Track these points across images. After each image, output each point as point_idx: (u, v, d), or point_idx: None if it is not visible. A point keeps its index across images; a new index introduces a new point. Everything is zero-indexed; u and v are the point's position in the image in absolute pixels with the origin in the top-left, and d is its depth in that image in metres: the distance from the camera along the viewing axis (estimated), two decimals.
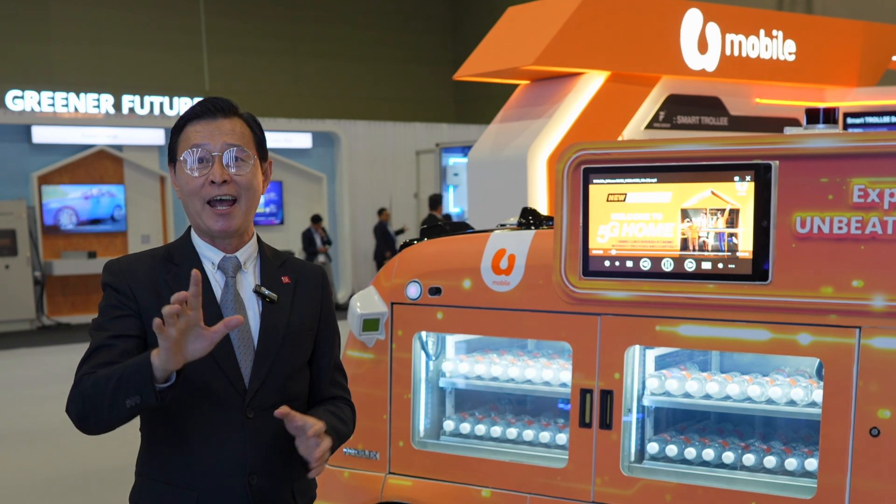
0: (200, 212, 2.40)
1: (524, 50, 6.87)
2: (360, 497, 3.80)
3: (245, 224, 2.45)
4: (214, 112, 2.41)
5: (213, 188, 2.37)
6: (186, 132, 2.42)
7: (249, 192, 2.42)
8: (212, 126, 2.40)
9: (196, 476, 2.36)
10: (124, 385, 2.17)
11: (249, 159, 2.42)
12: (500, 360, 3.77)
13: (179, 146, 2.42)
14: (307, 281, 2.58)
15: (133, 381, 2.16)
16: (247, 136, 2.44)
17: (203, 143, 2.38)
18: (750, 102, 8.03)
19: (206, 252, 2.46)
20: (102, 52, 20.50)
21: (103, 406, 2.20)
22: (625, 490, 3.28)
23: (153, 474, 2.42)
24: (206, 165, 2.38)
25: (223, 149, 2.38)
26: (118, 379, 2.18)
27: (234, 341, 2.39)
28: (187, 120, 2.43)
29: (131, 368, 2.17)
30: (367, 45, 23.83)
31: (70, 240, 16.59)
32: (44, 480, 7.02)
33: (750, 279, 3.05)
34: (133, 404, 2.17)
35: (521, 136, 6.95)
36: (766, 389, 3.25)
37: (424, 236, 3.92)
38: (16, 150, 16.23)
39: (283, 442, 2.42)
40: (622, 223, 3.26)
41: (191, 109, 2.44)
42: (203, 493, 2.36)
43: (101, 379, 2.21)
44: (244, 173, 2.40)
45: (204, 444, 2.37)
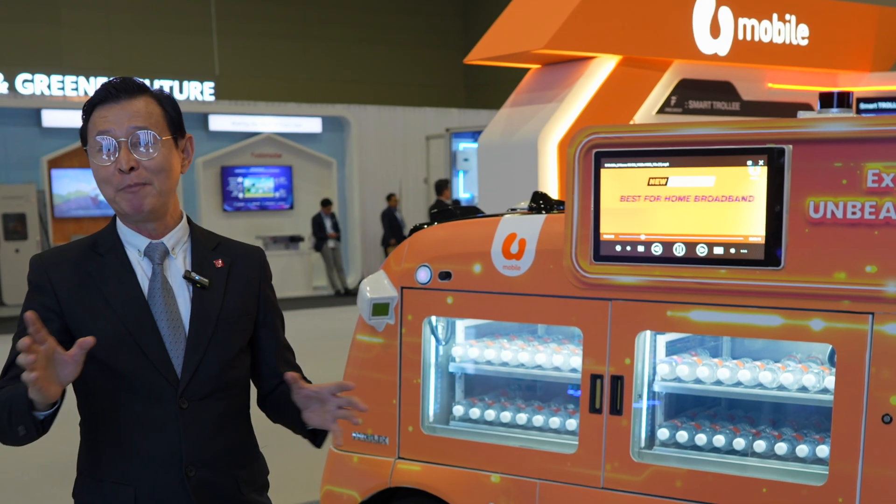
0: (114, 198, 2.33)
1: (535, 34, 6.83)
2: (369, 482, 3.79)
3: (162, 205, 2.35)
4: (118, 94, 2.30)
5: (122, 176, 2.29)
6: (93, 117, 2.32)
7: (161, 174, 2.32)
8: (116, 110, 2.29)
9: (132, 471, 2.32)
10: (14, 413, 2.16)
11: (157, 141, 2.31)
12: (510, 345, 3.76)
13: (88, 132, 2.33)
14: (243, 263, 2.50)
15: (17, 410, 2.14)
16: (156, 115, 2.33)
17: (108, 128, 2.28)
18: (762, 87, 7.98)
19: (131, 239, 2.38)
20: (112, 35, 20.51)
21: (5, 429, 2.21)
22: (635, 476, 3.27)
23: (91, 471, 2.38)
24: (115, 152, 2.29)
25: (128, 133, 2.28)
26: (8, 407, 2.17)
27: (163, 331, 2.32)
28: (93, 104, 2.33)
29: (17, 397, 2.14)
30: (377, 30, 23.80)
31: (80, 224, 16.61)
32: (51, 464, 7.03)
33: (762, 264, 3.03)
34: (23, 433, 2.17)
35: (531, 121, 6.92)
36: (778, 375, 3.23)
37: (435, 220, 3.90)
38: (26, 133, 16.24)
39: (223, 431, 2.38)
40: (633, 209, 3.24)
41: (96, 92, 2.34)
42: (141, 489, 2.31)
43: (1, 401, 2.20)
44: (153, 156, 2.30)
45: (139, 438, 2.32)
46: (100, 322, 2.28)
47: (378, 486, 3.78)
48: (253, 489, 2.49)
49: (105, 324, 2.29)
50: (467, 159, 15.91)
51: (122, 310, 2.31)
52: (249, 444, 2.53)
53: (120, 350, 2.29)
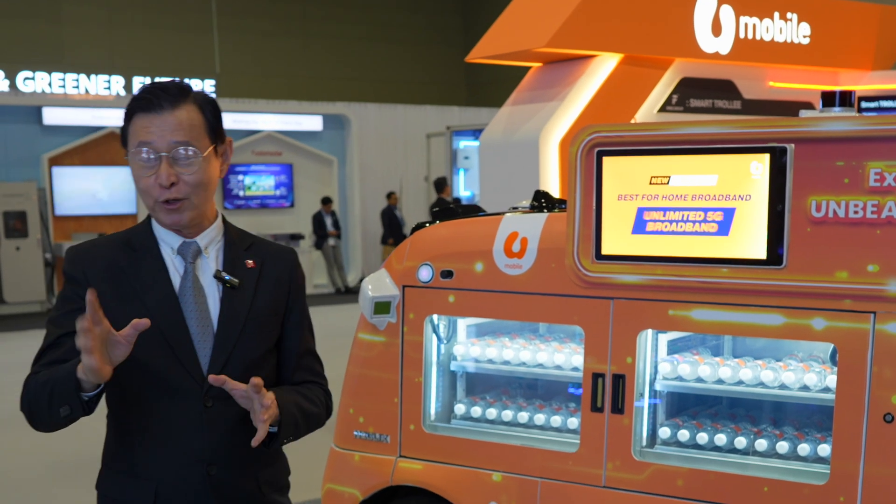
0: (153, 207, 2.35)
1: (536, 32, 6.82)
2: (371, 480, 3.79)
3: (198, 216, 2.38)
4: (161, 105, 2.29)
5: (162, 190, 2.30)
6: (135, 124, 2.32)
7: (199, 188, 2.34)
8: (157, 121, 2.29)
9: (155, 466, 2.34)
10: (56, 394, 2.19)
11: (198, 156, 2.32)
12: (512, 344, 3.76)
13: (129, 137, 2.34)
14: (274, 264, 2.51)
15: (62, 391, 2.18)
16: (196, 125, 2.33)
17: (149, 141, 2.29)
18: (764, 86, 7.98)
19: (165, 237, 2.40)
20: (113, 33, 20.50)
21: (43, 411, 2.25)
22: (636, 475, 3.27)
23: (115, 464, 2.41)
24: (154, 165, 2.29)
25: (170, 148, 2.29)
26: (51, 387, 2.20)
27: (192, 329, 2.34)
28: (135, 109, 2.32)
29: (61, 379, 2.18)
30: (378, 27, 23.80)
31: (80, 222, 16.62)
32: (56, 463, 7.04)
33: (764, 263, 3.03)
34: (66, 413, 2.21)
35: (533, 119, 6.92)
36: (780, 374, 3.23)
37: (436, 219, 3.90)
38: (26, 131, 16.25)
39: (246, 431, 2.37)
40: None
41: (139, 97, 2.33)
42: (162, 484, 2.33)
43: (40, 384, 2.24)
44: (193, 171, 2.31)
45: (163, 433, 2.33)
46: (132, 317, 2.26)
47: (379, 484, 3.78)
48: (274, 489, 2.51)
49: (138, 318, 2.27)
50: (468, 157, 15.91)
51: (154, 306, 2.32)
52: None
53: (149, 346, 2.29)
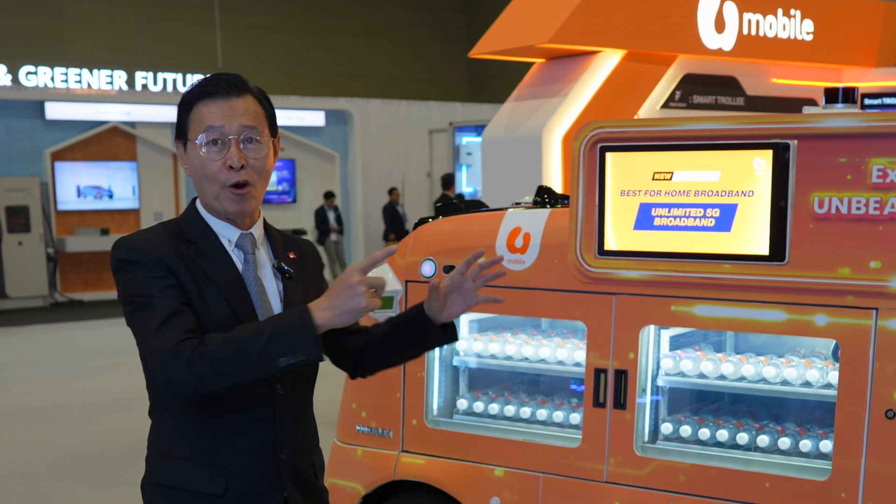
0: (218, 194, 2.35)
1: (540, 28, 6.82)
2: (373, 475, 3.80)
3: (257, 205, 2.42)
4: (228, 91, 2.34)
5: (231, 173, 2.32)
6: (199, 111, 2.34)
7: (263, 175, 2.38)
8: (225, 106, 2.33)
9: (226, 454, 2.34)
10: (281, 343, 2.15)
11: (264, 142, 2.37)
12: (514, 339, 3.77)
13: (191, 125, 2.35)
14: (308, 256, 2.58)
15: (293, 339, 2.15)
16: (260, 114, 2.38)
17: (219, 125, 2.31)
18: (767, 82, 7.98)
19: (221, 230, 2.41)
20: (115, 28, 20.49)
21: (243, 366, 2.16)
22: (638, 470, 3.28)
23: (179, 452, 2.37)
24: (222, 148, 2.32)
25: (239, 131, 2.33)
26: (270, 338, 2.15)
27: (260, 318, 2.36)
28: (198, 97, 2.35)
29: (288, 327, 2.17)
30: (381, 23, 23.77)
31: (83, 217, 16.63)
32: (58, 457, 7.06)
33: (767, 259, 3.03)
34: (290, 362, 2.16)
35: (535, 115, 6.92)
36: (782, 371, 3.24)
37: (439, 214, 3.91)
38: (29, 126, 16.25)
39: (305, 416, 2.46)
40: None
41: (202, 86, 2.36)
42: (234, 472, 2.34)
43: (238, 340, 2.17)
44: (261, 157, 2.36)
45: (234, 420, 2.34)
46: (211, 303, 2.31)
47: (382, 479, 3.79)
48: (322, 475, 2.58)
49: (216, 305, 2.31)
50: (470, 153, 15.90)
51: (230, 293, 2.34)
52: (316, 430, 2.60)
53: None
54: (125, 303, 2.31)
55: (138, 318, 2.26)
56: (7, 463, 6.97)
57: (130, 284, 2.29)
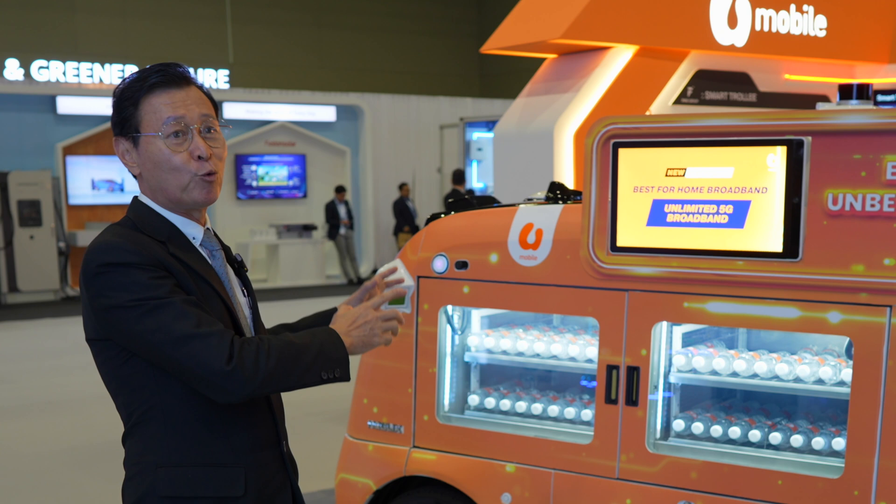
0: (187, 185, 2.28)
1: (552, 23, 6.81)
2: (384, 470, 3.81)
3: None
4: (179, 81, 2.28)
5: (202, 163, 2.27)
6: (151, 103, 2.26)
7: (222, 163, 2.35)
8: (181, 95, 2.27)
9: (239, 452, 2.32)
10: (324, 359, 2.27)
11: (220, 130, 2.34)
12: (526, 335, 3.76)
13: (144, 119, 2.26)
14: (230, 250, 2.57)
15: (331, 357, 2.28)
16: (209, 102, 2.35)
17: (179, 115, 2.25)
18: (779, 78, 7.95)
19: (185, 228, 2.34)
20: (127, 23, 20.53)
21: (299, 371, 2.23)
22: (650, 467, 3.27)
23: (185, 460, 2.27)
24: (184, 139, 2.26)
25: (201, 120, 2.28)
26: (318, 351, 2.26)
27: (236, 313, 2.37)
28: (147, 90, 2.26)
29: (330, 346, 2.28)
30: (392, 18, 23.77)
31: (94, 211, 16.67)
32: (68, 450, 7.08)
33: (780, 256, 3.02)
34: (328, 378, 2.28)
35: (547, 111, 6.91)
36: (794, 368, 3.23)
37: (451, 210, 3.90)
38: (41, 120, 16.29)
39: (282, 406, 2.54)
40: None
41: (146, 79, 2.27)
42: (249, 468, 2.33)
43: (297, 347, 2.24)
44: (220, 146, 2.34)
45: (240, 418, 2.33)
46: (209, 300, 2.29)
47: (393, 474, 3.79)
48: None
49: (213, 302, 2.30)
50: (481, 149, 15.91)
51: (220, 289, 2.34)
52: None
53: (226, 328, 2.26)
54: (122, 309, 2.16)
55: (157, 321, 2.14)
56: (17, 455, 7.00)
57: (129, 289, 2.16)
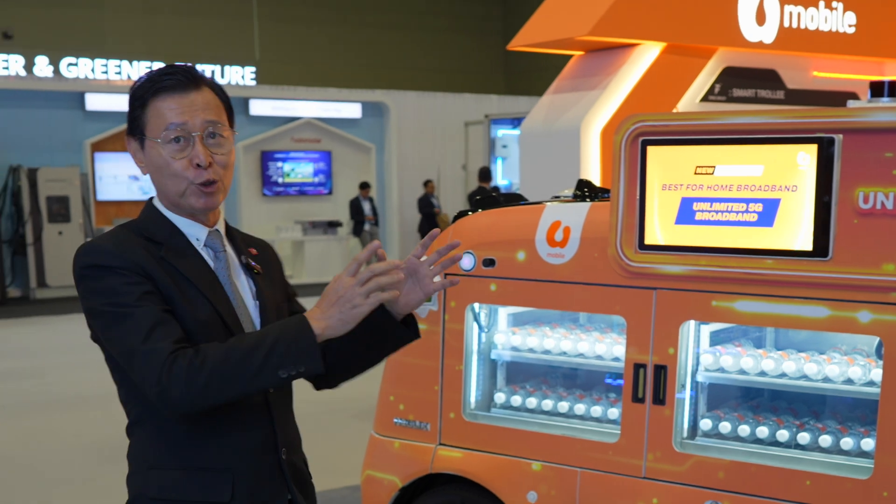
0: (184, 191, 2.25)
1: (579, 20, 6.79)
2: (410, 468, 3.81)
3: (224, 199, 2.33)
4: (186, 84, 2.23)
5: (199, 171, 2.23)
6: (156, 107, 2.22)
7: (228, 170, 2.28)
8: (185, 101, 2.22)
9: (229, 458, 2.26)
10: (281, 355, 2.08)
11: (228, 135, 2.28)
12: (553, 333, 3.75)
13: (149, 122, 2.23)
14: (267, 252, 2.49)
15: (293, 350, 2.08)
16: (219, 106, 2.28)
17: (181, 121, 2.21)
18: (807, 76, 7.89)
19: (187, 229, 2.31)
20: (155, 20, 20.66)
21: (243, 378, 2.08)
22: (677, 466, 3.26)
23: (174, 462, 2.26)
24: (186, 146, 2.22)
25: (203, 127, 2.23)
26: (269, 350, 2.07)
27: (241, 317, 2.29)
28: (154, 92, 2.23)
29: (288, 338, 2.09)
30: (418, 15, 23.80)
31: (121, 207, 16.77)
32: (95, 443, 7.13)
33: (810, 255, 3.00)
34: (289, 374, 2.09)
35: (574, 108, 6.90)
36: (823, 367, 3.20)
37: (478, 207, 3.90)
38: (69, 117, 16.43)
39: (291, 413, 2.43)
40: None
41: (155, 80, 2.23)
42: (238, 474, 2.26)
43: (240, 352, 2.08)
44: (225, 152, 2.27)
45: (234, 423, 2.26)
46: (194, 303, 2.22)
47: (419, 471, 3.79)
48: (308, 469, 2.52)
49: (199, 305, 2.22)
50: (506, 146, 15.90)
51: (210, 292, 2.26)
52: None
53: (213, 332, 2.21)
54: (96, 313, 2.17)
55: (118, 331, 2.14)
56: (45, 449, 7.06)
57: (103, 293, 2.16)
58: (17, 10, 19.25)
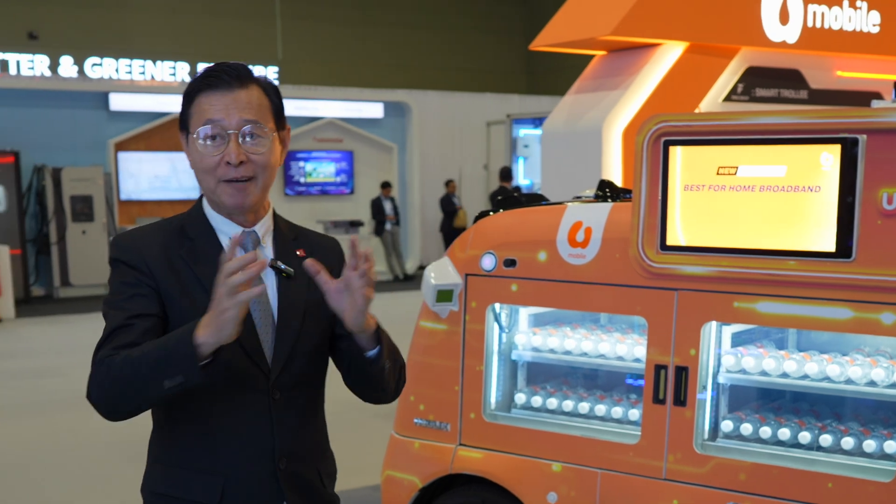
0: (215, 189, 2.26)
1: (601, 20, 6.77)
2: (430, 468, 3.81)
3: (261, 199, 2.31)
4: (230, 82, 2.23)
5: (229, 169, 2.23)
6: (199, 103, 2.24)
7: (266, 170, 2.27)
8: (227, 99, 2.22)
9: (222, 461, 2.26)
10: (163, 364, 2.04)
11: (267, 136, 2.26)
12: (573, 334, 3.74)
13: (192, 118, 2.25)
14: (323, 254, 2.43)
15: (173, 359, 2.03)
16: (264, 106, 2.27)
17: (218, 118, 2.21)
18: (831, 75, 7.84)
19: (222, 227, 2.32)
20: (178, 20, 20.75)
21: (136, 388, 2.09)
22: (698, 468, 3.24)
23: (173, 460, 2.30)
24: (221, 143, 2.22)
25: (239, 125, 2.22)
26: (156, 358, 2.05)
27: (255, 319, 2.27)
28: (199, 89, 2.25)
29: (171, 346, 2.04)
30: (440, 15, 23.82)
31: (145, 206, 16.85)
32: (118, 442, 7.16)
33: (833, 256, 2.98)
34: (173, 384, 2.04)
35: (596, 108, 6.87)
36: (846, 369, 3.18)
37: (500, 208, 3.89)
38: (93, 116, 16.51)
39: (309, 422, 2.35)
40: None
41: (203, 77, 2.25)
42: (230, 479, 2.25)
43: (133, 359, 2.08)
44: (262, 152, 2.25)
45: (229, 426, 2.26)
46: (197, 304, 2.21)
47: (439, 472, 3.79)
48: (331, 482, 2.47)
49: (202, 306, 2.18)
50: (527, 146, 15.86)
51: None
52: (325, 437, 2.49)
53: None
54: (105, 302, 2.28)
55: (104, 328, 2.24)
56: (68, 447, 7.10)
57: (111, 284, 2.27)
58: (43, 11, 19.38)
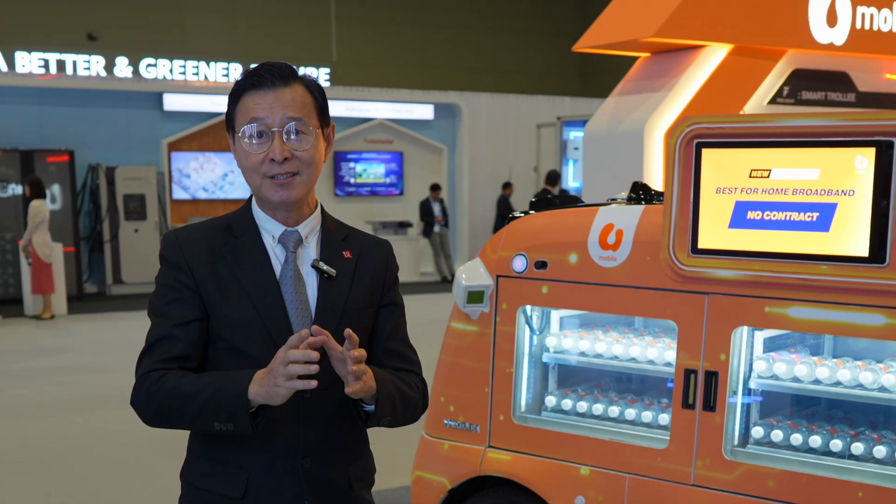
0: (260, 185, 2.31)
1: (645, 21, 6.72)
2: (459, 469, 3.80)
3: (306, 195, 2.35)
4: (274, 81, 2.28)
5: (273, 165, 2.27)
6: (244, 102, 2.29)
7: (311, 166, 2.31)
8: (270, 97, 2.27)
9: (248, 457, 2.31)
10: (214, 408, 2.19)
11: (311, 132, 2.30)
12: (605, 337, 3.72)
13: (237, 117, 2.31)
14: (370, 256, 2.45)
15: (224, 407, 2.17)
16: (308, 104, 2.31)
17: (262, 116, 2.26)
18: (880, 78, 7.70)
19: (266, 224, 2.37)
20: (234, 22, 20.95)
21: (184, 419, 2.24)
22: (727, 474, 3.20)
23: (204, 452, 2.38)
24: (266, 141, 2.27)
25: (283, 123, 2.27)
26: (208, 398, 2.19)
27: (292, 318, 2.31)
28: (244, 89, 2.30)
29: (224, 393, 2.18)
30: (493, 16, 23.80)
31: (196, 206, 17.03)
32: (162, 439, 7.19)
33: (866, 261, 2.93)
34: (222, 428, 2.20)
35: (638, 110, 6.82)
36: (880, 376, 3.13)
37: (533, 209, 3.88)
38: (147, 116, 16.73)
39: (340, 424, 2.36)
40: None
41: (247, 77, 2.31)
42: (254, 474, 2.31)
43: (184, 394, 2.21)
44: (306, 148, 2.29)
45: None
46: (233, 303, 2.29)
47: (468, 473, 3.78)
48: (363, 485, 2.48)
49: (238, 306, 2.29)
50: (577, 148, 15.78)
51: (255, 293, 2.30)
52: (362, 439, 2.50)
53: (250, 334, 2.29)
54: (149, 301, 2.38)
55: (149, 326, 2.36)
56: (111, 443, 7.18)
57: (156, 282, 2.38)
58: (102, 12, 19.68)
